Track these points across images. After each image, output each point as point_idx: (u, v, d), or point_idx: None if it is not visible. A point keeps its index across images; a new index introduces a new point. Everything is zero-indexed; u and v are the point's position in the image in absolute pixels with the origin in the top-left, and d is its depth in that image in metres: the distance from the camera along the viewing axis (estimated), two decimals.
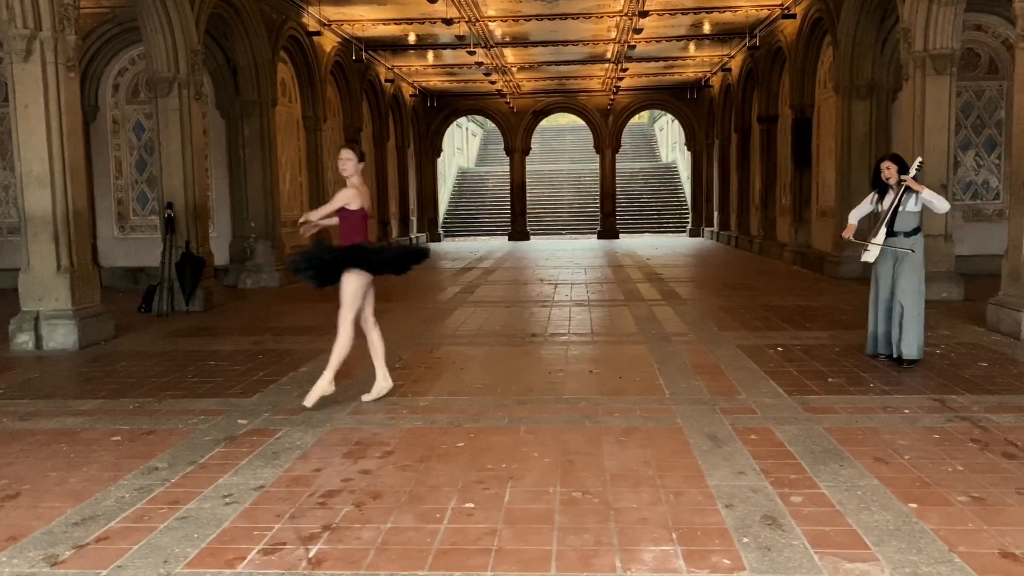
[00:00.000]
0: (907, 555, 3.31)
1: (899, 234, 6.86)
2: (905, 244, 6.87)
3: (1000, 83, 13.65)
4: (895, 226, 6.85)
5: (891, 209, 6.84)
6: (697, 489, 4.11)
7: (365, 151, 21.99)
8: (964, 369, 6.75)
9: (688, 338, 8.56)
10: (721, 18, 17.75)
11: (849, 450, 4.67)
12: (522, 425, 5.35)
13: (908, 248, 6.83)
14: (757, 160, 20.97)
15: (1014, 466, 4.37)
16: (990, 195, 13.95)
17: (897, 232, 6.86)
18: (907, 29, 10.76)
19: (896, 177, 6.85)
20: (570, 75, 25.20)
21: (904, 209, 6.84)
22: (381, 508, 3.98)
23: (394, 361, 7.48)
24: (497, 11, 16.70)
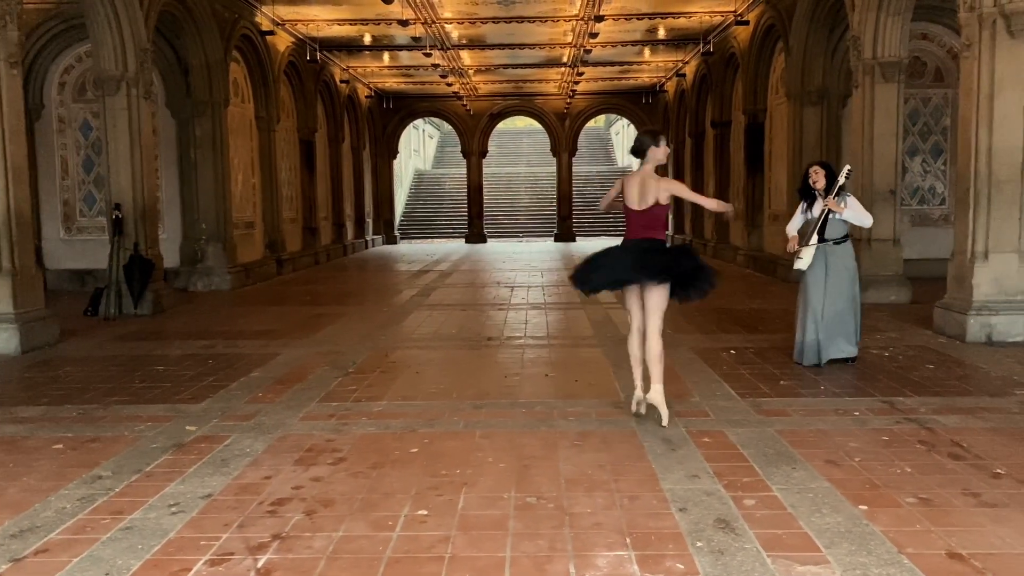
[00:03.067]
0: (857, 557, 3.35)
1: (829, 242, 6.99)
2: (836, 252, 6.99)
3: (946, 91, 13.98)
4: (825, 234, 6.98)
5: (821, 217, 6.95)
6: (651, 493, 4.11)
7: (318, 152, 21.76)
8: (912, 371, 6.88)
9: None
10: (675, 24, 17.90)
11: (801, 452, 4.71)
12: (477, 430, 5.31)
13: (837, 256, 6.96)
14: (711, 165, 21.21)
15: (960, 467, 4.45)
16: (936, 200, 14.28)
17: (827, 239, 6.99)
18: (856, 37, 10.96)
19: (824, 184, 6.97)
20: (527, 78, 25.24)
21: (833, 217, 6.97)
22: (333, 516, 3.91)
23: (347, 366, 7.41)
24: (454, 13, 16.65)
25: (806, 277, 7.13)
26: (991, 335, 8.07)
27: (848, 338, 7.09)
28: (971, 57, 8.22)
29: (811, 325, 7.09)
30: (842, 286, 7.04)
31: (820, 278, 7.04)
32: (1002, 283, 8.16)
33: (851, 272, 7.10)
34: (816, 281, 7.06)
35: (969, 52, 8.26)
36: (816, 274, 7.06)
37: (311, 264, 19.52)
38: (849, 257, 7.09)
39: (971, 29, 8.18)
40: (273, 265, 16.73)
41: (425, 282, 15.49)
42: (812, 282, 7.08)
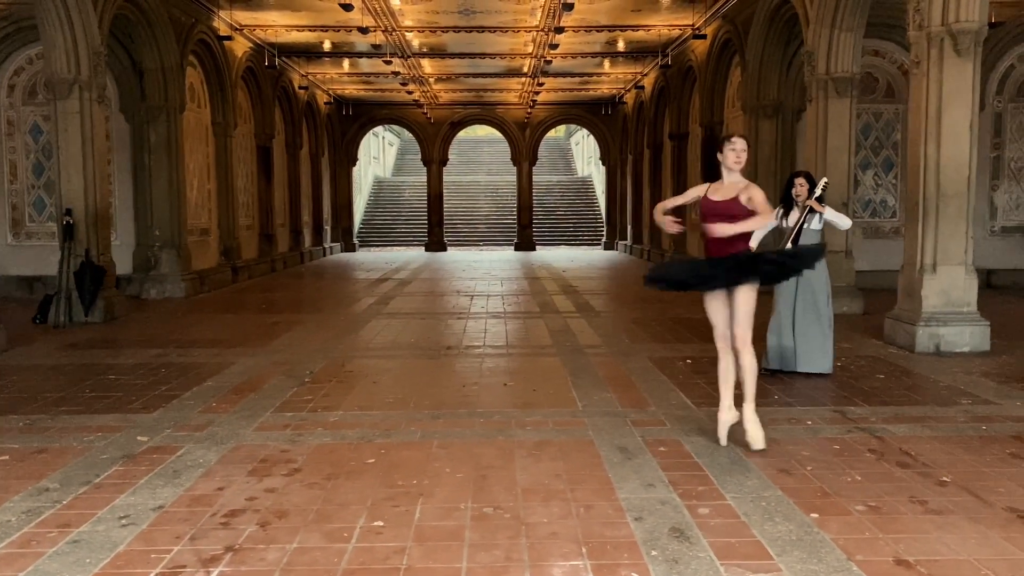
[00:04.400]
0: (808, 564, 3.40)
1: None
2: None
3: (897, 106, 14.32)
4: (799, 243, 7.08)
5: (796, 227, 7.07)
6: (607, 502, 4.13)
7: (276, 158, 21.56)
8: (863, 381, 7.02)
9: (601, 350, 8.65)
10: (635, 36, 18.10)
11: (755, 461, 4.78)
12: (435, 440, 5.29)
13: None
14: (669, 175, 21.42)
15: (908, 475, 4.55)
16: (887, 213, 14.60)
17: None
18: (811, 53, 11.19)
19: (807, 194, 7.08)
20: (488, 88, 25.30)
21: (808, 227, 7.08)
22: (287, 527, 3.87)
23: (303, 375, 7.34)
24: (414, 21, 16.63)
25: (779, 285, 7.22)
26: (939, 345, 8.26)
27: (824, 353, 7.18)
28: (920, 74, 8.43)
29: (777, 330, 7.20)
30: (818, 298, 7.14)
31: (791, 287, 7.14)
32: (950, 295, 8.37)
33: (826, 284, 7.20)
34: (787, 289, 7.16)
35: (918, 69, 8.47)
36: (788, 282, 7.16)
37: (267, 272, 19.31)
38: (822, 267, 7.18)
39: (920, 47, 8.40)
40: (228, 272, 16.51)
41: (384, 290, 15.40)
42: (784, 290, 7.19)
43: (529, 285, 16.20)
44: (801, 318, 7.12)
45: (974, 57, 8.21)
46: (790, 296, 7.16)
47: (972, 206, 8.39)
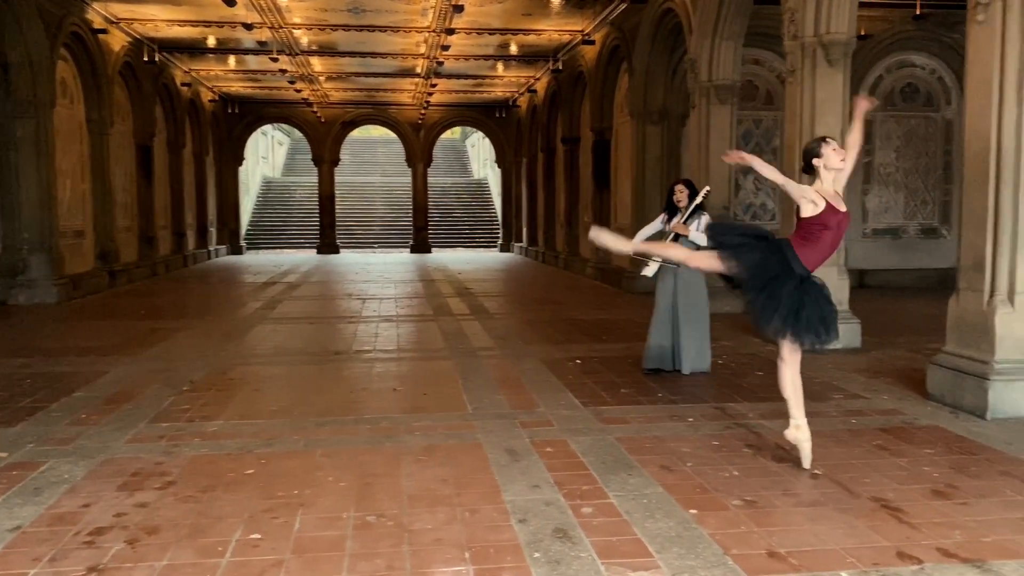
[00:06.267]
0: (686, 560, 3.47)
1: None
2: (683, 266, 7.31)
3: (775, 113, 14.91)
4: None
5: (672, 235, 7.26)
6: (493, 506, 4.12)
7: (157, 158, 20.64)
8: (742, 378, 7.26)
9: (494, 353, 8.66)
10: (526, 40, 18.24)
11: (638, 459, 4.86)
12: (319, 448, 5.16)
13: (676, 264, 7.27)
14: (561, 179, 21.71)
15: (782, 469, 4.72)
16: (767, 216, 15.18)
17: None
18: (694, 61, 11.53)
19: (686, 201, 7.28)
20: (380, 87, 25.01)
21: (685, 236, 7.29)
22: (157, 544, 3.68)
23: (182, 384, 7.04)
24: (302, 19, 16.26)
25: (657, 286, 7.41)
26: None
27: (704, 352, 7.39)
28: (795, 83, 8.80)
29: (658, 331, 7.36)
30: (695, 300, 7.34)
31: (669, 289, 7.33)
32: None
33: (702, 287, 7.41)
34: (665, 291, 7.35)
35: (793, 78, 8.84)
36: (666, 284, 7.35)
37: (148, 275, 18.50)
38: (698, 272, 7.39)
39: (795, 56, 8.77)
40: (105, 277, 15.72)
41: (271, 294, 14.99)
42: (662, 292, 7.37)
43: (424, 288, 16.10)
44: (682, 318, 7.32)
45: (844, 67, 8.62)
46: (669, 296, 7.35)
47: None
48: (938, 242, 15.63)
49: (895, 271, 15.37)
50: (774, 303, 4.50)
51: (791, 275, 4.51)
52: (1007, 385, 5.79)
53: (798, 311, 4.50)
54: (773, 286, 4.51)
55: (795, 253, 4.51)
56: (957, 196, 14.48)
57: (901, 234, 15.73)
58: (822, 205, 4.44)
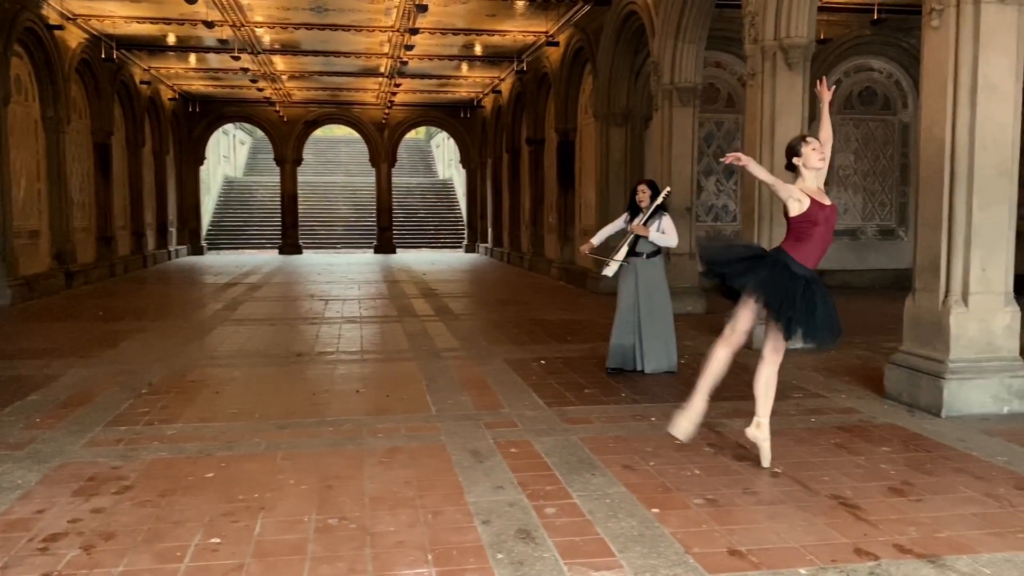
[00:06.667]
0: (648, 559, 3.49)
1: (641, 254, 7.36)
2: (646, 265, 7.36)
3: (737, 116, 15.08)
4: (637, 247, 7.35)
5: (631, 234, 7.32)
6: (456, 507, 4.11)
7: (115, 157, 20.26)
8: None
9: (458, 354, 8.64)
10: (491, 41, 18.24)
11: (601, 459, 4.88)
12: (280, 451, 5.10)
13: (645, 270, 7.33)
14: (526, 180, 21.75)
15: (743, 468, 4.77)
16: (729, 217, 15.37)
17: (640, 252, 7.36)
18: (656, 63, 11.62)
19: (648, 201, 7.33)
20: (344, 87, 24.83)
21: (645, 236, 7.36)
22: (114, 550, 3.62)
23: (141, 386, 6.93)
24: (265, 17, 16.09)
25: (619, 286, 7.46)
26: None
27: (668, 352, 7.45)
28: (756, 86, 8.90)
29: (621, 331, 7.41)
30: (657, 300, 7.40)
31: (631, 288, 7.39)
32: None
33: (663, 287, 7.47)
34: (627, 291, 7.40)
35: (754, 81, 8.94)
36: (628, 284, 7.40)
37: (106, 276, 18.18)
38: (659, 271, 7.46)
39: (755, 60, 8.87)
40: (62, 278, 15.42)
41: (232, 295, 14.81)
42: (624, 292, 7.41)
43: (388, 288, 16.02)
44: (644, 318, 7.37)
45: (804, 71, 8.75)
46: (631, 296, 7.40)
47: None
48: (895, 243, 15.91)
49: (853, 271, 15.62)
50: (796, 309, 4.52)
51: (797, 280, 4.54)
52: (961, 383, 5.91)
53: (812, 312, 4.53)
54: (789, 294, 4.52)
55: (792, 257, 4.58)
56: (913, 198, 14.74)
57: (859, 235, 16.00)
58: (807, 202, 4.52)
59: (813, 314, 4.53)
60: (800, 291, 4.51)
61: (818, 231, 4.55)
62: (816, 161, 4.60)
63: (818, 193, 4.62)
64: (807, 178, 4.63)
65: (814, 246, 4.58)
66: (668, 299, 7.51)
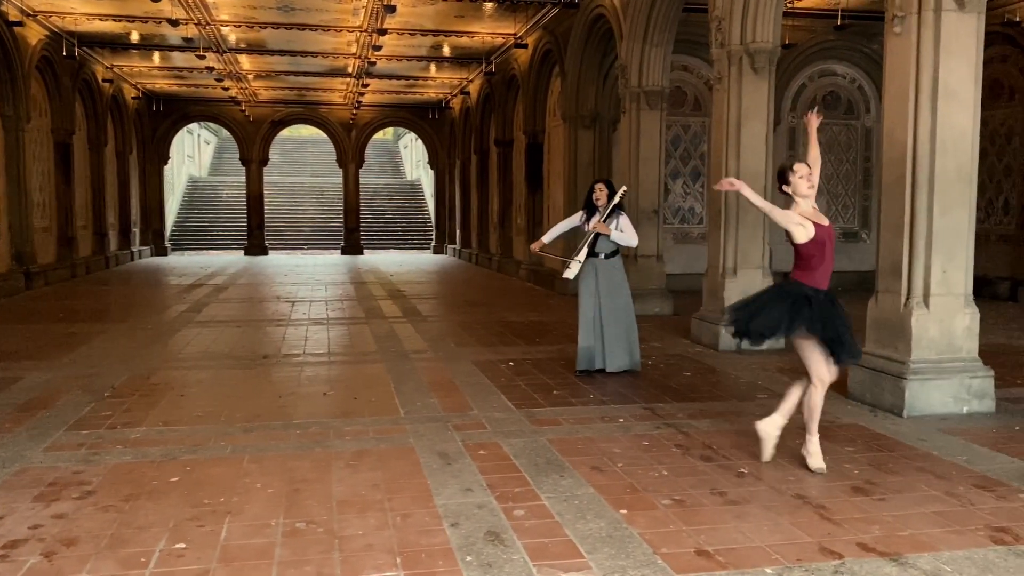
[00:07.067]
0: (617, 560, 3.51)
1: (599, 255, 7.41)
2: (605, 266, 7.41)
3: (703, 119, 15.22)
4: (596, 247, 7.40)
5: (591, 232, 7.36)
6: (425, 510, 4.09)
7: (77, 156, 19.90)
8: (671, 379, 7.38)
9: (426, 355, 8.62)
10: (459, 42, 18.22)
11: (569, 460, 4.89)
12: (246, 454, 5.05)
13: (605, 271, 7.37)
14: (495, 181, 21.75)
15: (710, 468, 4.81)
16: (695, 220, 15.50)
17: (598, 253, 7.41)
18: (624, 66, 11.69)
19: (605, 200, 7.38)
20: (311, 87, 24.65)
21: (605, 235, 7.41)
22: (76, 556, 3.56)
23: (103, 390, 6.82)
24: (230, 16, 15.92)
25: (581, 288, 7.49)
26: (740, 344, 8.80)
27: (630, 352, 7.50)
28: (722, 89, 8.99)
29: (585, 333, 7.44)
30: (618, 300, 7.45)
31: (592, 289, 7.43)
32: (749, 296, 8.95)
33: (624, 286, 7.53)
34: (588, 292, 7.44)
35: (720, 85, 9.03)
36: (588, 285, 7.44)
37: (67, 277, 17.86)
38: (619, 271, 7.54)
39: (722, 64, 8.96)
40: (21, 279, 15.12)
41: (197, 297, 14.63)
42: (585, 293, 7.45)
43: (355, 290, 15.92)
44: (605, 318, 7.42)
45: (769, 75, 8.85)
46: (593, 297, 7.44)
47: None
48: (858, 246, 16.15)
49: None
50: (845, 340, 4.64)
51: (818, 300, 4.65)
52: (923, 384, 6.02)
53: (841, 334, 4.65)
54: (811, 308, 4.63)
55: (808, 285, 4.69)
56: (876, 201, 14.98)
57: None
58: (811, 227, 4.62)
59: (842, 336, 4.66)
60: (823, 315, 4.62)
61: (827, 250, 4.69)
62: (805, 189, 4.69)
63: (814, 215, 4.72)
64: (801, 202, 4.73)
65: (825, 267, 4.71)
66: (630, 299, 7.57)
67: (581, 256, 7.39)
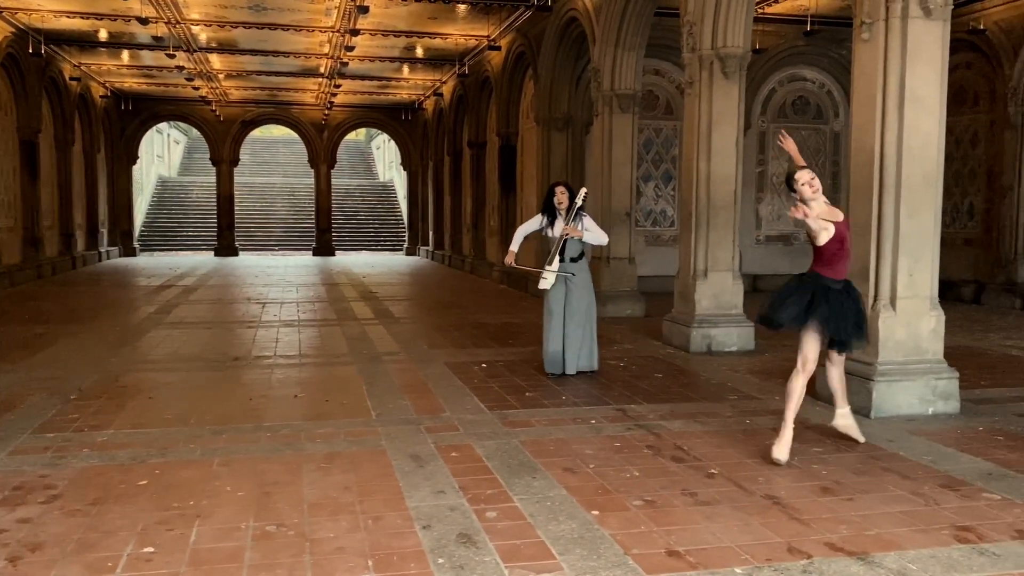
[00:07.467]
0: (588, 561, 3.53)
1: (567, 259, 7.45)
2: (572, 269, 7.46)
3: (675, 123, 15.33)
4: (565, 252, 7.43)
5: (562, 237, 7.39)
6: (396, 512, 4.09)
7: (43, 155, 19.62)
8: (643, 380, 7.43)
9: (399, 357, 8.59)
10: (432, 44, 18.20)
11: (542, 462, 4.91)
12: (216, 457, 5.00)
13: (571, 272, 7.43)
14: (468, 183, 21.75)
15: (681, 469, 4.85)
16: (667, 222, 15.61)
17: (566, 257, 7.44)
18: (597, 69, 11.74)
19: (567, 203, 7.42)
20: (282, 87, 24.49)
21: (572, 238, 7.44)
22: (41, 561, 3.50)
23: (70, 392, 6.72)
24: (201, 15, 15.77)
25: (548, 294, 7.52)
26: (711, 345, 8.91)
27: (590, 352, 7.55)
28: (693, 94, 9.06)
29: (555, 336, 7.47)
30: (583, 302, 7.50)
31: (561, 293, 7.46)
32: (719, 298, 9.05)
33: (590, 287, 7.59)
34: (558, 297, 7.47)
35: (692, 89, 9.10)
36: (558, 289, 7.47)
37: (33, 278, 17.58)
38: (586, 272, 7.59)
39: (693, 68, 9.03)
40: None
41: (166, 298, 14.47)
42: (555, 298, 7.48)
43: (327, 292, 15.83)
44: (569, 322, 7.45)
45: (740, 79, 8.94)
46: (560, 301, 7.47)
47: (738, 217, 9.13)
48: None
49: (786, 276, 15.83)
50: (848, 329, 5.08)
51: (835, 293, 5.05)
52: (889, 385, 6.11)
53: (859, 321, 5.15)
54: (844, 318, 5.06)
55: (828, 277, 5.07)
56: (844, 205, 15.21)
57: (792, 241, 16.41)
58: (832, 228, 5.00)
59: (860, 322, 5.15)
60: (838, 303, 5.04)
61: (846, 243, 5.10)
62: (810, 193, 5.02)
63: (829, 212, 5.07)
64: (813, 205, 5.04)
65: (844, 258, 5.14)
66: (594, 300, 7.62)
67: (555, 265, 7.42)
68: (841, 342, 5.14)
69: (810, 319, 5.02)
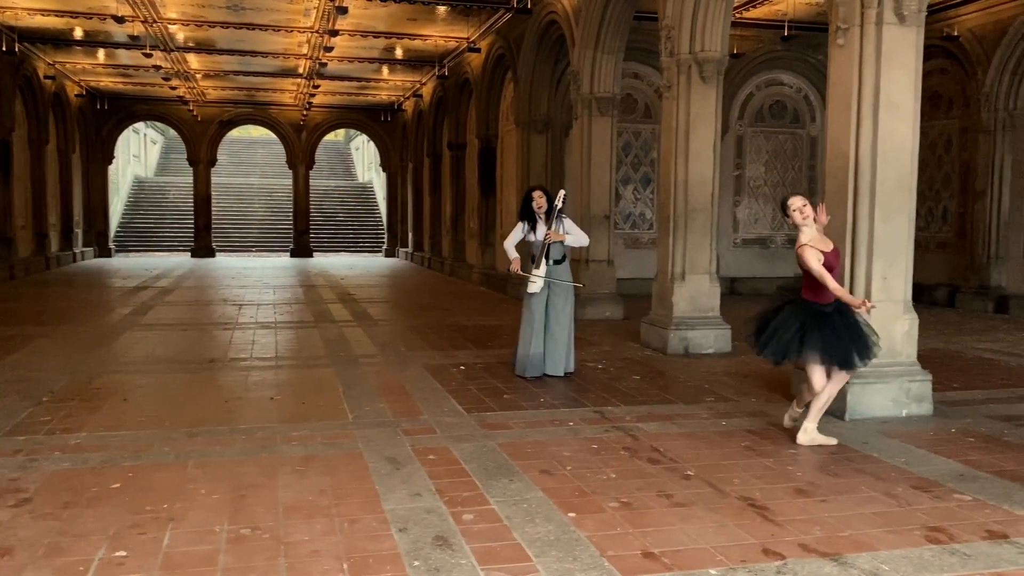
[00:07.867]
0: (564, 564, 3.53)
1: (551, 261, 7.46)
2: (557, 271, 7.48)
3: (654, 126, 15.40)
4: (548, 255, 7.45)
5: (545, 242, 7.41)
6: (372, 515, 4.07)
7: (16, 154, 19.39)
8: (621, 382, 7.45)
9: (376, 360, 8.56)
10: (412, 45, 18.17)
11: (519, 464, 4.90)
12: (190, 460, 4.96)
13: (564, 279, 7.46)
14: (448, 185, 21.72)
15: (657, 470, 4.87)
16: (645, 225, 15.67)
17: (549, 261, 7.46)
18: (576, 72, 11.77)
19: (547, 206, 7.44)
20: (260, 87, 24.35)
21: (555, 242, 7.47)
22: (11, 566, 3.46)
23: (41, 394, 6.64)
24: (178, 14, 15.65)
25: (530, 296, 7.53)
26: (688, 347, 8.95)
27: (569, 354, 7.57)
28: (671, 97, 9.11)
29: (536, 339, 7.47)
30: (563, 307, 7.51)
31: (544, 295, 7.48)
32: (697, 301, 9.10)
33: (571, 290, 7.62)
34: (540, 299, 7.48)
35: (669, 93, 9.15)
36: (540, 295, 7.48)
37: (5, 279, 17.36)
38: (567, 274, 7.61)
39: (671, 72, 9.07)
40: None
41: (142, 299, 14.33)
42: (537, 301, 7.48)
43: (304, 293, 15.75)
44: (555, 324, 7.47)
45: (717, 84, 8.99)
46: (542, 305, 7.48)
47: (716, 220, 9.18)
48: None
49: (763, 279, 16.13)
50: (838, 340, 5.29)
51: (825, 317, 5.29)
52: (863, 388, 6.17)
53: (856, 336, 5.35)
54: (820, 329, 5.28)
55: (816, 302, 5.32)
56: None
57: (769, 244, 16.54)
58: (821, 258, 5.23)
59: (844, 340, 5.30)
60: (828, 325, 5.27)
61: (835, 274, 5.33)
62: (800, 220, 5.28)
63: (820, 241, 5.31)
64: (806, 230, 5.28)
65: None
66: (573, 303, 7.64)
67: (542, 270, 7.43)
68: (844, 361, 5.31)
69: (806, 350, 5.25)
